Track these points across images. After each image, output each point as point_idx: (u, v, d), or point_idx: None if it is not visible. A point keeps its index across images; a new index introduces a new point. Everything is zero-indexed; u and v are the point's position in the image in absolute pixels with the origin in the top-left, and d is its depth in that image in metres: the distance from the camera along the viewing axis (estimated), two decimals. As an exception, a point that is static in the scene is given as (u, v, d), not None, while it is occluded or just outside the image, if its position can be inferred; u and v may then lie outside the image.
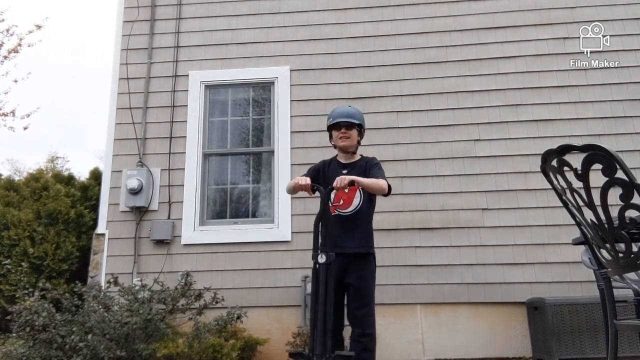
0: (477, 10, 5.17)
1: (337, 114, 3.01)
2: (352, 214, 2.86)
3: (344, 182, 2.60)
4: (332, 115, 3.02)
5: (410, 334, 4.45)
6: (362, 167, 3.00)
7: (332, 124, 3.00)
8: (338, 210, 2.87)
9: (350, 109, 3.06)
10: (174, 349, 3.65)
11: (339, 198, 2.89)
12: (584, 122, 4.77)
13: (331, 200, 2.85)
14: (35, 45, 11.85)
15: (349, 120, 2.98)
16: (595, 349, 3.71)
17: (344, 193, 2.87)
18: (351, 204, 2.87)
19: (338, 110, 3.05)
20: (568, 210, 2.05)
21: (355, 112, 3.03)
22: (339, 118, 2.98)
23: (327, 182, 2.81)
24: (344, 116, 2.99)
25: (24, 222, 5.24)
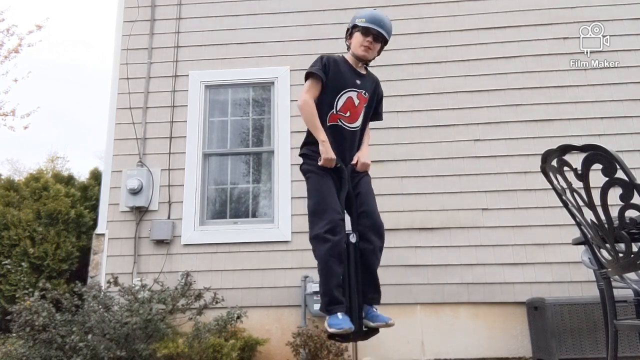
0: (477, 10, 5.17)
1: (374, 19, 2.59)
2: (355, 130, 2.63)
3: (368, 168, 2.61)
4: (364, 16, 2.62)
5: (410, 334, 4.45)
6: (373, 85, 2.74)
7: (362, 26, 2.59)
8: (342, 120, 2.58)
9: (387, 20, 2.64)
10: (174, 349, 3.65)
11: (346, 108, 2.58)
12: (584, 122, 4.77)
13: (337, 107, 2.56)
14: (35, 45, 11.86)
15: (381, 32, 2.59)
16: (595, 349, 3.71)
17: (352, 105, 2.59)
18: (357, 121, 2.62)
19: (374, 14, 2.63)
20: (568, 210, 2.05)
21: (390, 27, 2.64)
22: (372, 24, 2.57)
23: (339, 81, 2.57)
24: (380, 25, 2.58)
25: (24, 222, 5.24)
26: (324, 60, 2.60)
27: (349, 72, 2.64)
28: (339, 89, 2.58)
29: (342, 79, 2.59)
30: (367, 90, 2.67)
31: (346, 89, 2.59)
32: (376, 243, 2.55)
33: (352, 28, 2.70)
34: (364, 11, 2.67)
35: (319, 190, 2.46)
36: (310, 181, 2.53)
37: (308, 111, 2.53)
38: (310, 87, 2.57)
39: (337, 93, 2.57)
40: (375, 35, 2.60)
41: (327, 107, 2.57)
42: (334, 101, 2.56)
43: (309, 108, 2.53)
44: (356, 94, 2.61)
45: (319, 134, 2.49)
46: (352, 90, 2.60)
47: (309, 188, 2.53)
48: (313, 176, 2.51)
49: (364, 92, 2.65)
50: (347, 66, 2.67)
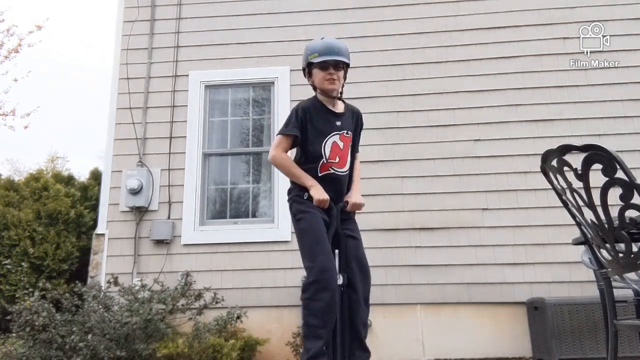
0: (477, 10, 5.17)
1: (325, 49, 2.45)
2: (345, 174, 2.54)
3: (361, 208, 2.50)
4: (316, 50, 2.47)
5: (410, 334, 4.45)
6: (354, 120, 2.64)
7: (317, 62, 2.45)
8: (333, 168, 2.48)
9: (340, 43, 2.52)
10: (174, 349, 3.65)
11: (335, 155, 2.48)
12: (584, 122, 4.77)
13: (325, 156, 2.46)
14: (35, 45, 11.86)
15: (339, 60, 2.45)
16: (595, 349, 3.71)
17: (339, 149, 2.50)
18: (346, 164, 2.53)
19: (325, 43, 2.48)
20: (568, 210, 2.05)
21: (345, 49, 2.50)
22: (327, 56, 2.44)
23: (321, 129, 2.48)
24: (334, 53, 2.44)
25: (24, 222, 5.24)
26: (299, 115, 2.48)
27: (326, 116, 2.53)
28: (322, 137, 2.49)
29: (322, 125, 2.49)
30: (348, 129, 2.58)
31: (329, 135, 2.50)
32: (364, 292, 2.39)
33: (308, 67, 2.55)
34: (312, 45, 2.53)
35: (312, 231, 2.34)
36: (302, 222, 2.39)
37: (282, 164, 2.49)
38: (280, 142, 2.49)
39: (322, 141, 2.48)
40: (334, 64, 2.47)
41: (316, 157, 2.47)
42: (321, 150, 2.47)
43: (282, 160, 2.48)
44: (339, 137, 2.52)
45: (304, 180, 2.42)
46: (335, 134, 2.51)
47: (301, 229, 2.40)
48: (305, 218, 2.38)
49: (345, 132, 2.55)
50: (323, 109, 2.55)
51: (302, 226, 2.39)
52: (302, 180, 2.43)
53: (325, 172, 2.47)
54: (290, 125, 2.47)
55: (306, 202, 2.40)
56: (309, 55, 2.51)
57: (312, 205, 2.37)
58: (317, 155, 2.47)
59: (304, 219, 2.39)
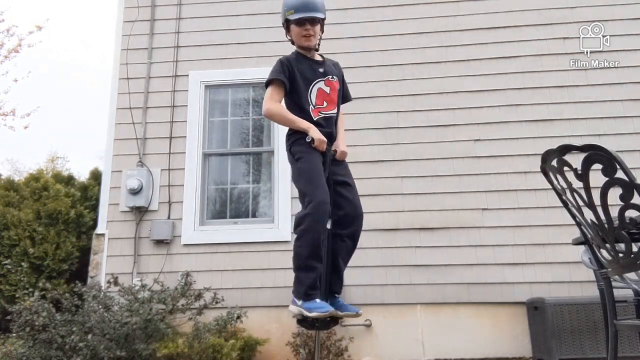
0: (477, 10, 5.17)
1: (301, 4, 2.53)
2: (333, 116, 2.64)
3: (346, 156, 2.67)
4: (292, 7, 2.55)
5: (410, 334, 4.45)
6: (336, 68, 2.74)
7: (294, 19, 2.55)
8: (322, 112, 2.58)
9: None
10: (174, 349, 3.65)
11: (322, 100, 2.59)
12: (584, 122, 4.77)
13: (312, 102, 2.55)
14: (35, 45, 11.86)
15: (314, 16, 2.56)
16: (595, 349, 3.71)
17: (326, 95, 2.60)
18: (334, 107, 2.64)
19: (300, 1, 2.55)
20: (568, 210, 2.05)
21: (321, 4, 2.60)
22: (303, 13, 2.53)
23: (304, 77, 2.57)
24: (310, 10, 2.54)
25: (24, 222, 5.24)
26: (284, 64, 2.58)
27: (308, 65, 2.63)
28: (307, 84, 2.57)
29: (305, 73, 2.59)
30: (332, 74, 2.67)
31: (313, 82, 2.59)
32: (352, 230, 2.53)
33: (286, 23, 2.65)
34: (289, 1, 2.58)
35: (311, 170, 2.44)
36: (301, 162, 2.47)
37: (277, 112, 2.54)
38: (271, 94, 2.56)
39: (307, 88, 2.57)
40: (310, 20, 2.57)
41: (305, 104, 2.56)
42: (308, 97, 2.56)
43: (277, 110, 2.54)
44: (324, 82, 2.61)
45: (300, 124, 2.49)
46: (319, 80, 2.60)
47: (300, 167, 2.48)
48: (305, 157, 2.46)
49: (330, 77, 2.64)
50: (304, 59, 2.65)
51: (302, 164, 2.47)
52: (298, 125, 2.49)
53: (317, 117, 2.56)
54: (276, 72, 2.56)
55: (306, 144, 2.47)
56: (286, 11, 2.59)
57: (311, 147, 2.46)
58: (305, 101, 2.55)
59: (303, 158, 2.47)
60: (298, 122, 2.49)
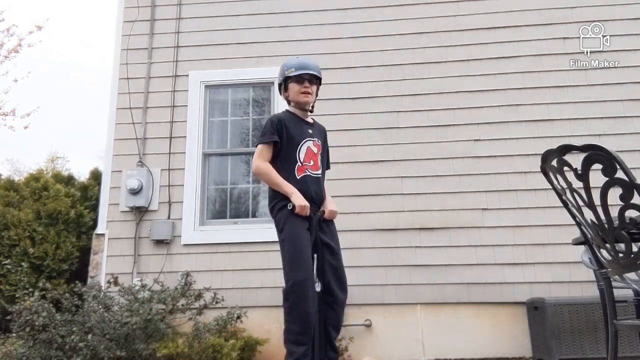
0: (477, 10, 5.17)
1: (301, 65, 2.72)
2: (320, 177, 2.75)
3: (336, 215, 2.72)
4: (293, 66, 2.73)
5: (410, 334, 4.45)
6: (323, 134, 2.88)
7: (294, 75, 2.70)
8: (309, 170, 2.69)
9: (312, 61, 2.81)
10: (174, 349, 3.65)
11: (309, 158, 2.70)
12: (584, 122, 4.77)
13: (300, 160, 2.66)
14: (35, 45, 11.85)
15: (313, 74, 2.73)
16: (595, 349, 3.71)
17: (313, 154, 2.72)
18: (319, 168, 2.75)
19: (301, 60, 2.76)
20: (568, 210, 2.05)
21: (317, 66, 2.80)
22: (303, 70, 2.70)
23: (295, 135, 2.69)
24: (308, 68, 2.72)
25: (24, 222, 5.24)
26: (274, 123, 2.69)
27: (299, 125, 2.76)
28: (297, 142, 2.68)
29: (296, 132, 2.70)
30: (319, 138, 2.81)
31: (303, 140, 2.71)
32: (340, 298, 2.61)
33: (285, 81, 2.78)
34: (290, 62, 2.77)
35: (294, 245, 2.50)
36: (284, 233, 2.55)
37: (265, 172, 2.63)
38: (261, 152, 2.67)
39: (297, 146, 2.68)
40: (309, 78, 2.73)
41: (292, 162, 2.66)
42: (296, 154, 2.67)
43: (265, 169, 2.63)
44: (312, 143, 2.75)
45: (286, 188, 2.56)
46: (308, 140, 2.73)
47: (283, 239, 2.55)
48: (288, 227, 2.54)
49: (317, 139, 2.79)
50: (296, 119, 2.78)
51: (285, 237, 2.54)
52: (283, 189, 2.57)
53: (303, 174, 2.66)
54: (268, 133, 2.68)
55: (289, 212, 2.55)
56: (286, 70, 2.75)
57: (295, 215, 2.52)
58: (293, 159, 2.66)
59: (286, 229, 2.55)
60: (283, 186, 2.57)
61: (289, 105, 2.84)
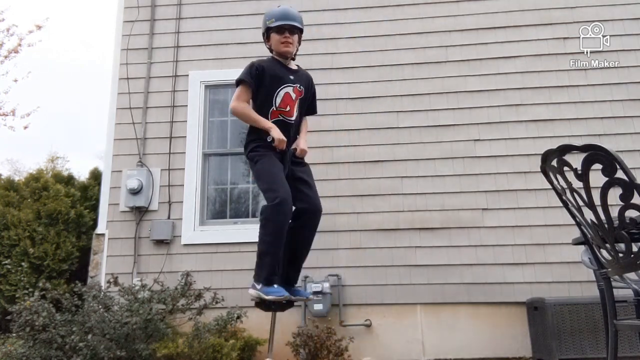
0: (477, 10, 5.17)
1: (282, 15, 2.79)
2: (293, 122, 2.84)
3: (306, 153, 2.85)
4: (273, 16, 2.80)
5: (410, 334, 4.45)
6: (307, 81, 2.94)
7: (274, 26, 2.78)
8: (282, 115, 2.77)
9: (293, 10, 2.86)
10: (174, 349, 3.65)
11: (285, 103, 2.77)
12: (584, 122, 4.77)
13: (276, 104, 2.74)
14: (35, 45, 11.85)
15: (294, 24, 2.80)
16: (596, 349, 3.71)
17: (290, 99, 2.78)
18: (294, 114, 2.83)
19: (282, 10, 2.82)
20: (568, 210, 2.05)
21: (299, 16, 2.86)
22: (283, 20, 2.77)
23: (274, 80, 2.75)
24: (289, 19, 2.79)
25: (24, 222, 5.24)
26: (254, 67, 2.75)
27: (281, 70, 2.82)
28: (275, 87, 2.75)
29: (276, 77, 2.76)
30: (301, 84, 2.86)
31: (282, 85, 2.77)
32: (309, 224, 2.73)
33: (267, 31, 2.86)
34: (271, 12, 2.84)
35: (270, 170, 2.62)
36: (260, 163, 2.65)
37: (241, 112, 2.73)
38: (239, 93, 2.75)
39: (274, 90, 2.74)
40: (290, 28, 2.80)
41: (267, 105, 2.74)
42: (273, 98, 2.74)
43: (242, 109, 2.72)
44: (292, 89, 2.80)
45: (263, 123, 2.66)
46: (287, 85, 2.79)
47: (259, 169, 2.66)
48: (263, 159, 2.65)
49: (298, 85, 2.84)
50: (279, 65, 2.85)
51: (261, 166, 2.66)
52: (261, 124, 2.67)
53: (275, 119, 2.74)
54: (245, 74, 2.75)
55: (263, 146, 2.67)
56: (267, 20, 2.82)
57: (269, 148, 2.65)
58: (269, 103, 2.74)
59: (262, 159, 2.66)
60: (261, 122, 2.67)
61: (272, 53, 2.90)
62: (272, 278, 2.58)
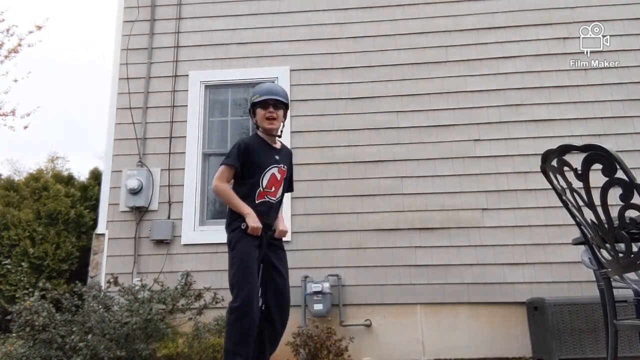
0: (477, 10, 5.17)
1: (266, 91, 2.82)
2: (277, 202, 2.85)
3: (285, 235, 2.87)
4: (258, 92, 2.83)
5: (410, 334, 4.45)
6: (288, 158, 2.95)
7: (259, 101, 2.79)
8: (268, 196, 2.79)
9: (278, 87, 2.91)
10: (174, 349, 3.65)
11: (271, 184, 2.79)
12: (584, 122, 4.77)
13: (263, 185, 2.75)
14: (35, 45, 11.84)
15: (277, 99, 2.80)
16: (595, 349, 3.71)
17: (276, 180, 2.81)
18: (278, 194, 2.85)
19: (266, 87, 2.87)
20: (568, 210, 2.05)
21: (283, 92, 2.88)
22: (266, 95, 2.79)
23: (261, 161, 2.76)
24: (272, 94, 2.80)
25: (24, 222, 5.24)
26: (241, 149, 2.75)
27: (267, 151, 2.83)
28: (262, 168, 2.76)
29: (262, 158, 2.78)
30: (285, 163, 2.88)
31: (269, 167, 2.78)
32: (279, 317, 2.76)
33: (252, 107, 2.86)
34: (256, 88, 2.86)
35: (243, 262, 2.63)
36: (236, 251, 2.66)
37: (224, 193, 2.75)
38: (222, 173, 2.76)
39: (261, 172, 2.75)
40: (274, 103, 2.79)
41: (254, 186, 2.74)
42: (260, 180, 2.75)
43: (224, 190, 2.74)
44: (277, 169, 2.82)
45: (242, 209, 2.68)
46: (273, 166, 2.80)
47: (233, 257, 2.67)
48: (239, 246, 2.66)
49: (282, 165, 2.85)
50: (264, 145, 2.85)
51: (236, 255, 2.66)
52: (240, 209, 2.69)
53: (261, 200, 2.76)
54: (232, 157, 2.75)
55: (242, 231, 2.66)
56: (252, 96, 2.84)
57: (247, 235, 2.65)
58: (256, 183, 2.75)
59: (237, 248, 2.67)
60: (240, 207, 2.69)
61: (257, 130, 2.90)
62: None
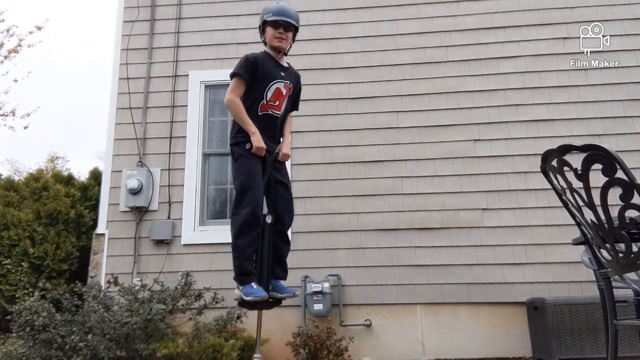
0: (477, 10, 5.17)
1: (279, 12, 2.85)
2: (280, 117, 2.91)
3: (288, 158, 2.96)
4: (270, 11, 2.86)
5: (410, 334, 4.45)
6: (296, 78, 3.01)
7: (270, 20, 2.84)
8: (272, 110, 2.85)
9: (291, 9, 2.92)
10: (174, 349, 3.64)
11: (275, 98, 2.85)
12: (584, 122, 4.77)
13: (267, 98, 2.82)
14: (35, 45, 11.84)
15: (288, 21, 2.85)
16: (595, 349, 3.71)
17: (280, 94, 2.86)
18: (282, 108, 2.90)
19: (279, 7, 2.88)
20: (568, 210, 2.05)
21: (295, 14, 2.91)
22: (279, 16, 2.83)
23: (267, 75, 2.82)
24: (285, 15, 2.84)
25: (24, 222, 5.24)
26: (249, 60, 2.84)
27: (273, 66, 2.90)
28: (267, 81, 2.82)
29: (268, 72, 2.84)
30: (291, 81, 2.94)
31: (274, 81, 2.84)
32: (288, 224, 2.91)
33: (263, 24, 2.92)
34: (269, 7, 2.89)
35: (248, 172, 2.71)
36: (239, 163, 2.75)
37: (235, 108, 2.79)
38: (235, 86, 2.83)
39: (266, 85, 2.82)
40: (285, 25, 2.85)
41: (258, 98, 2.81)
42: (264, 92, 2.82)
43: (236, 105, 2.78)
44: (283, 84, 2.88)
45: (249, 127, 2.73)
46: (279, 81, 2.86)
47: (237, 168, 2.76)
48: (243, 159, 2.73)
49: (288, 82, 2.91)
50: (271, 60, 2.92)
51: (240, 167, 2.75)
52: (247, 127, 2.74)
53: (264, 112, 2.83)
54: (242, 69, 2.84)
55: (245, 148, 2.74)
56: (265, 14, 2.89)
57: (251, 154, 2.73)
58: (260, 96, 2.81)
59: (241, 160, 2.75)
60: (247, 125, 2.74)
61: (265, 47, 2.97)
62: (246, 278, 2.69)
